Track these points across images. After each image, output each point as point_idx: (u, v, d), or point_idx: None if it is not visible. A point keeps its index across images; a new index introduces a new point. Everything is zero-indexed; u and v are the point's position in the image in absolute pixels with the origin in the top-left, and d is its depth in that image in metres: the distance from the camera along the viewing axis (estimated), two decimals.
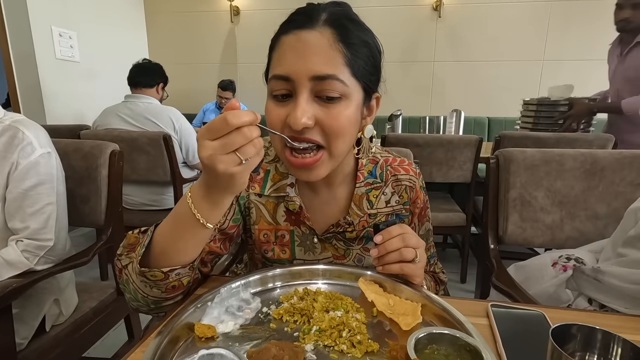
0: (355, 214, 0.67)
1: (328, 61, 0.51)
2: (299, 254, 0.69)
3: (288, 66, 0.52)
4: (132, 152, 1.83)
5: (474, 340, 0.42)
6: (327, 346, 0.47)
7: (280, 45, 0.54)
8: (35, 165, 0.90)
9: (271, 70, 0.55)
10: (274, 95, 0.55)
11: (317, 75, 0.51)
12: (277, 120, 0.54)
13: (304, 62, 0.51)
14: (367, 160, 0.70)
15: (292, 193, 0.67)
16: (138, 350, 0.46)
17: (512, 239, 1.04)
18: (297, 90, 0.52)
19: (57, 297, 1.01)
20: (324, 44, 0.51)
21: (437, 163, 1.97)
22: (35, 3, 2.61)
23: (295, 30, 0.52)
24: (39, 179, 0.91)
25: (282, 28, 0.55)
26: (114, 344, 1.51)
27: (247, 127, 0.41)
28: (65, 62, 2.88)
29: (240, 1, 3.70)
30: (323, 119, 0.53)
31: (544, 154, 1.03)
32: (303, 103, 0.52)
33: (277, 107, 0.54)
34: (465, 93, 3.54)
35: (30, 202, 0.89)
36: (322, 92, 0.52)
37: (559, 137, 1.88)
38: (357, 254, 0.69)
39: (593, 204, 1.00)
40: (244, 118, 0.41)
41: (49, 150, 0.95)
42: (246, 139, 0.41)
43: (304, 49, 0.51)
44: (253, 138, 0.42)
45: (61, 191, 0.99)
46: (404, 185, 0.70)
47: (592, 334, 0.39)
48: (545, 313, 0.53)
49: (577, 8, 3.25)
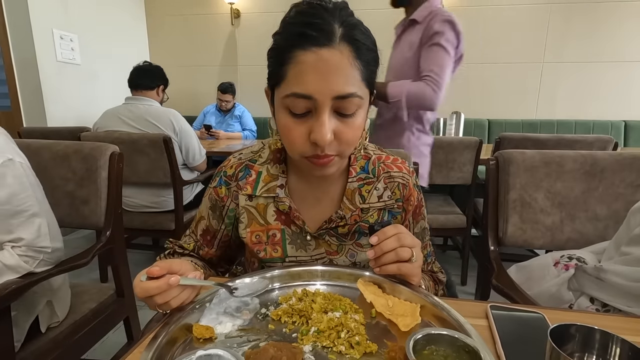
0: (347, 209, 0.67)
1: (349, 80, 0.53)
2: (290, 251, 0.69)
3: (311, 86, 0.52)
4: (132, 154, 1.84)
5: (472, 341, 0.42)
6: (325, 347, 0.47)
7: (298, 62, 0.52)
8: (0, 177, 0.82)
9: (289, 86, 0.54)
10: (292, 112, 0.55)
11: (340, 95, 0.53)
12: (300, 138, 0.56)
13: (327, 82, 0.52)
14: (359, 156, 0.71)
15: (281, 194, 0.67)
16: (136, 351, 0.46)
17: (512, 240, 1.04)
18: (319, 109, 0.53)
19: (50, 299, 1.00)
20: (345, 64, 0.52)
21: (437, 165, 1.97)
22: (36, 6, 2.62)
23: (313, 48, 0.51)
24: (10, 190, 0.83)
25: (296, 41, 0.52)
26: (113, 346, 1.51)
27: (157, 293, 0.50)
28: (66, 65, 2.89)
29: (240, 4, 3.72)
30: (341, 131, 0.55)
31: (544, 156, 1.03)
32: (326, 121, 0.53)
33: (297, 124, 0.55)
34: (466, 95, 3.54)
35: (11, 214, 0.84)
36: (342, 109, 0.54)
37: (559, 139, 1.88)
38: (350, 250, 0.70)
39: (593, 205, 1.00)
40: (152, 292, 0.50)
41: (10, 157, 0.85)
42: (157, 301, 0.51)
43: (327, 69, 0.52)
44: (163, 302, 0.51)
45: (40, 197, 0.93)
46: (397, 182, 0.70)
47: (590, 334, 0.39)
48: (545, 314, 0.53)
49: (577, 10, 3.26)
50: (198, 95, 3.90)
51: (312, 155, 0.57)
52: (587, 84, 3.39)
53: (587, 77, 3.37)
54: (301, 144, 0.56)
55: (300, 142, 0.56)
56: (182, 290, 0.52)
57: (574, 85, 3.41)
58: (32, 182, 0.91)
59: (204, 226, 0.74)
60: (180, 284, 0.51)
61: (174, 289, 0.51)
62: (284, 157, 0.70)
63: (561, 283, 0.80)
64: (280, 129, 0.58)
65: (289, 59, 0.53)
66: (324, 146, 0.54)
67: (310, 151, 0.57)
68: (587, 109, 3.41)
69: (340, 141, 0.56)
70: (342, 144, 0.56)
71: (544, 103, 3.48)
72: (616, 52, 3.28)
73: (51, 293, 1.01)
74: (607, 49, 3.29)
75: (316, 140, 0.54)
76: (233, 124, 3.33)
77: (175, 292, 0.51)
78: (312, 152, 0.57)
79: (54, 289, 1.02)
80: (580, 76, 3.37)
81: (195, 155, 2.06)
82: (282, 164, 0.70)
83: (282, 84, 0.55)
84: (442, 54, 1.30)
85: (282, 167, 0.69)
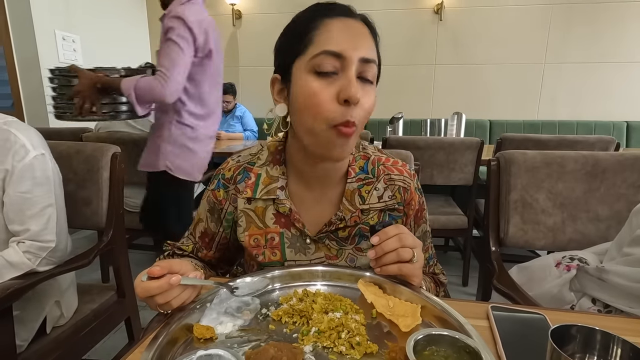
0: (346, 210, 0.66)
1: (371, 47, 0.58)
2: (289, 255, 0.68)
3: (342, 44, 0.55)
4: (134, 155, 1.84)
5: (473, 341, 0.42)
6: (326, 347, 0.47)
7: (327, 25, 0.56)
8: (30, 168, 0.89)
9: (319, 46, 0.55)
10: (320, 72, 0.55)
11: (365, 58, 0.56)
12: (328, 101, 0.55)
13: (354, 43, 0.55)
14: (358, 156, 0.70)
15: (282, 196, 0.67)
16: (137, 352, 0.46)
17: (513, 241, 1.04)
18: (347, 67, 0.55)
19: (58, 299, 1.01)
20: (367, 33, 0.58)
21: (439, 166, 1.97)
22: (39, 7, 2.63)
23: (340, 17, 0.57)
24: (35, 181, 0.90)
25: (323, 13, 0.57)
26: (114, 346, 1.51)
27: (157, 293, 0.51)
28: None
29: (242, 5, 3.73)
30: (362, 96, 0.56)
31: (545, 156, 1.03)
32: (354, 79, 0.55)
33: (324, 87, 0.55)
34: (467, 96, 3.54)
35: (29, 205, 0.89)
36: (364, 73, 0.57)
37: (561, 140, 1.88)
38: (350, 254, 0.69)
39: (594, 206, 1.00)
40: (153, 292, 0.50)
41: (43, 152, 0.93)
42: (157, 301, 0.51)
43: (355, 32, 0.57)
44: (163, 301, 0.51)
45: (59, 193, 0.98)
46: (398, 186, 0.69)
47: (591, 335, 0.39)
48: (547, 315, 0.53)
49: (579, 11, 3.26)
50: None
51: (341, 122, 0.55)
52: (589, 85, 3.38)
53: (589, 77, 3.36)
54: (330, 108, 0.55)
55: (328, 106, 0.55)
56: (183, 290, 0.52)
57: (575, 85, 3.40)
58: (55, 179, 0.98)
59: (202, 228, 0.74)
60: (181, 284, 0.51)
61: (175, 289, 0.51)
62: (283, 159, 0.69)
63: (563, 284, 0.80)
64: (305, 97, 0.56)
65: (316, 27, 0.56)
66: (356, 101, 0.54)
67: (340, 116, 0.55)
68: (588, 109, 3.40)
69: (362, 108, 0.57)
70: (363, 111, 0.57)
71: (545, 104, 3.47)
72: (618, 53, 3.27)
73: (59, 293, 1.02)
74: (609, 49, 3.28)
75: (349, 95, 0.53)
76: (234, 125, 3.34)
77: (176, 292, 0.51)
78: (341, 118, 0.55)
79: (63, 290, 1.03)
80: (582, 77, 3.37)
81: None
82: (282, 165, 0.69)
83: (308, 49, 0.56)
84: (174, 49, 1.34)
85: (282, 169, 0.68)
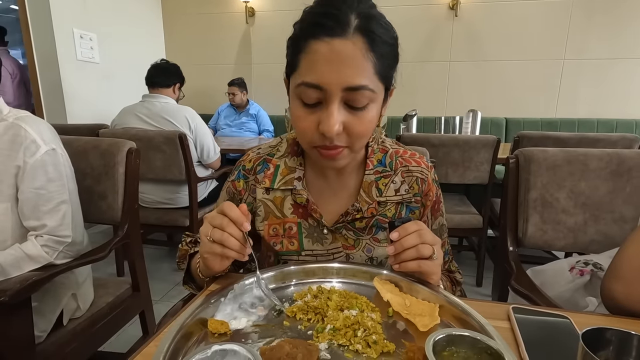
0: (364, 201, 0.67)
1: (360, 72, 0.52)
2: (307, 244, 0.69)
3: (321, 76, 0.52)
4: (149, 151, 1.86)
5: (495, 343, 0.40)
6: (341, 345, 0.46)
7: (311, 51, 0.52)
8: (42, 163, 0.89)
9: (300, 75, 0.54)
10: (303, 102, 0.55)
11: (350, 87, 0.52)
12: (309, 128, 0.56)
13: (337, 73, 0.51)
14: (377, 149, 0.70)
15: (299, 186, 0.68)
16: (151, 345, 0.46)
17: (532, 241, 1.01)
18: (328, 99, 0.53)
19: (75, 292, 1.03)
20: (357, 55, 0.51)
21: (453, 164, 1.93)
22: (58, 6, 2.68)
23: (326, 38, 0.51)
24: (48, 177, 0.90)
25: (311, 31, 0.52)
26: (128, 339, 1.53)
27: (226, 220, 0.53)
28: (85, 63, 2.96)
29: (255, 2, 3.73)
30: (351, 124, 0.55)
31: (567, 154, 0.99)
32: (335, 112, 0.53)
33: (307, 114, 0.55)
34: (482, 93, 3.47)
35: (44, 201, 0.89)
36: (352, 101, 0.53)
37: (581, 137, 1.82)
38: (367, 244, 0.69)
39: (619, 206, 0.96)
40: (231, 213, 0.54)
41: (54, 147, 0.92)
42: (221, 226, 0.53)
43: (338, 60, 0.51)
44: (225, 229, 0.53)
45: (72, 188, 0.98)
46: (415, 177, 0.69)
47: (627, 340, 0.37)
48: (571, 317, 0.51)
49: (599, 5, 3.15)
50: (212, 94, 3.93)
51: (321, 145, 0.57)
52: (610, 82, 3.27)
53: (610, 74, 3.25)
54: (310, 134, 0.56)
55: (309, 132, 0.56)
56: (236, 249, 0.54)
57: (596, 82, 3.30)
58: (68, 173, 0.97)
59: None
60: (242, 235, 0.54)
61: (233, 239, 0.53)
62: (301, 150, 0.70)
63: (575, 289, 0.77)
64: (292, 118, 0.58)
65: (302, 48, 0.53)
66: (331, 137, 0.54)
67: (319, 141, 0.56)
68: (610, 107, 3.29)
69: (350, 134, 0.55)
70: (352, 136, 0.56)
71: (564, 101, 3.38)
72: None
73: (76, 286, 1.03)
74: (630, 45, 3.17)
75: (323, 131, 0.54)
76: (248, 122, 3.34)
77: (234, 243, 0.53)
78: (320, 142, 0.56)
79: (79, 282, 1.05)
80: (603, 73, 3.26)
81: (210, 153, 2.07)
82: (299, 156, 0.70)
83: (295, 73, 0.55)
84: None
85: (300, 160, 0.70)
